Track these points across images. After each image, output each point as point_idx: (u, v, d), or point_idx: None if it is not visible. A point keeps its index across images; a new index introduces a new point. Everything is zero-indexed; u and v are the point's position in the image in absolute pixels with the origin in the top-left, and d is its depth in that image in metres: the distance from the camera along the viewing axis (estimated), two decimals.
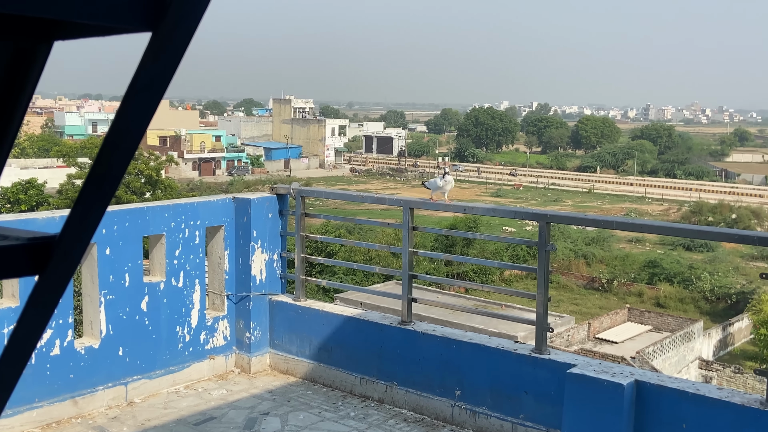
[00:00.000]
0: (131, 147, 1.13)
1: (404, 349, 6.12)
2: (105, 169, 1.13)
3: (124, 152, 1.12)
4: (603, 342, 34.40)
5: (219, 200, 6.92)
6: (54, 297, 1.21)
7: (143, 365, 6.26)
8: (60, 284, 1.21)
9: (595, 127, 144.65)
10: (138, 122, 1.10)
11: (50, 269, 1.17)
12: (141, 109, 1.09)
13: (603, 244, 58.66)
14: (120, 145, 1.12)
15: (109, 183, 1.14)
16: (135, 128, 1.11)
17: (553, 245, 5.43)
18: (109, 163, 1.12)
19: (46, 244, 1.16)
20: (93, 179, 1.13)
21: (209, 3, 1.05)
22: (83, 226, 1.16)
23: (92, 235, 1.20)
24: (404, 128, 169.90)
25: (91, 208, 1.16)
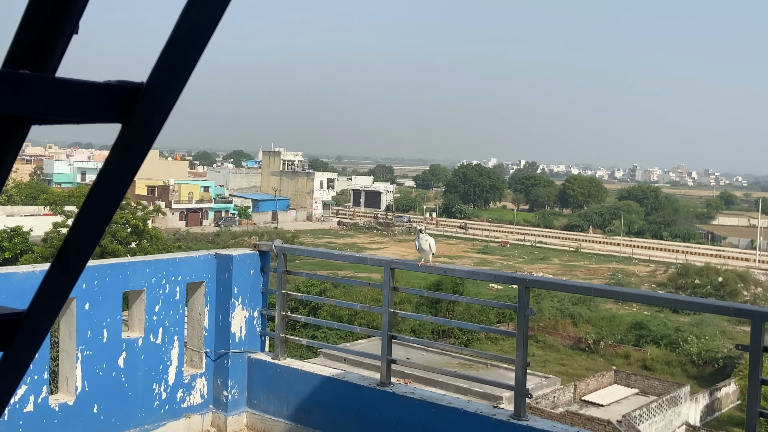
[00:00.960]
0: (96, 236, 1.17)
1: (382, 411, 6.07)
2: (71, 254, 1.17)
3: (88, 241, 1.16)
4: (589, 404, 34.06)
5: (201, 256, 6.92)
6: (18, 372, 1.23)
7: (118, 423, 6.16)
8: (25, 360, 1.24)
9: (582, 187, 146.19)
10: (104, 211, 1.14)
11: (15, 345, 1.20)
12: (109, 198, 1.13)
13: (590, 304, 58.61)
14: (86, 234, 1.15)
15: (73, 267, 1.18)
16: (101, 217, 1.15)
17: (531, 310, 5.45)
18: (75, 249, 1.16)
19: (13, 320, 1.19)
20: (59, 263, 1.17)
21: (177, 99, 1.11)
22: (50, 303, 1.20)
23: (58, 311, 1.23)
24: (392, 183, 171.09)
25: (57, 288, 1.19)
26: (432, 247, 6.09)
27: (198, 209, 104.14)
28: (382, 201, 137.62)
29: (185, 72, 1.09)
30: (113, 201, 1.15)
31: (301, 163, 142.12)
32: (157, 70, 1.07)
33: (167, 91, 1.09)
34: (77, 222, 1.13)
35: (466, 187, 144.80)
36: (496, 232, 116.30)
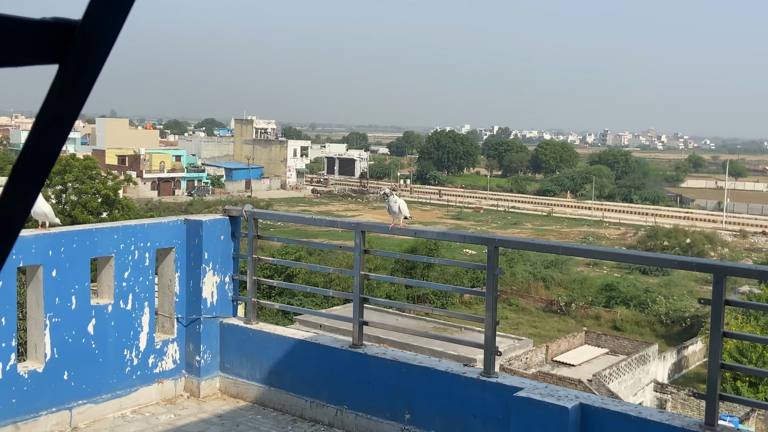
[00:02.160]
0: (39, 180, 1.13)
1: (355, 372, 6.11)
2: (12, 198, 1.13)
3: (31, 185, 1.12)
4: (561, 365, 34.70)
5: (170, 222, 6.86)
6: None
7: (89, 389, 6.14)
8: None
9: (554, 152, 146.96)
10: (46, 156, 1.10)
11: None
12: (49, 142, 1.09)
13: (561, 267, 59.39)
14: (28, 177, 1.12)
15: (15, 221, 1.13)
16: (43, 162, 1.11)
17: (500, 269, 5.50)
18: (17, 194, 1.12)
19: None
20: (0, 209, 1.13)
21: (116, 38, 1.07)
22: None
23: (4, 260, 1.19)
24: (366, 150, 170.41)
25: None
26: (402, 210, 6.09)
27: (170, 179, 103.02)
28: (356, 168, 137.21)
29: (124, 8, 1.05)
30: (52, 150, 1.11)
31: (274, 131, 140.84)
32: (93, 6, 1.03)
33: (105, 28, 1.05)
34: (18, 164, 1.09)
35: (440, 154, 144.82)
36: (470, 198, 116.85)
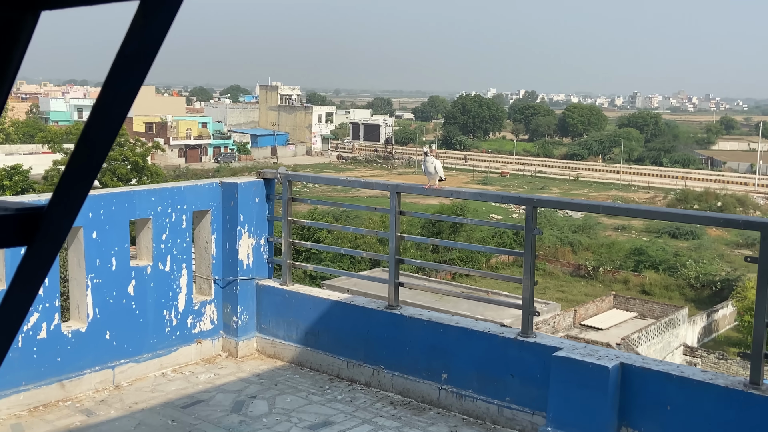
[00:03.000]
0: (120, 117, 1.13)
1: (391, 333, 6.15)
2: (94, 138, 1.13)
3: (112, 121, 1.12)
4: (588, 329, 34.64)
5: (206, 185, 6.90)
6: (42, 269, 1.21)
7: (130, 349, 6.26)
8: (48, 256, 1.21)
9: (582, 115, 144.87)
10: (126, 92, 1.10)
11: (38, 240, 1.17)
12: (129, 79, 1.08)
13: (589, 231, 58.95)
14: (109, 114, 1.11)
15: (97, 153, 1.14)
16: (123, 97, 1.11)
17: (539, 229, 5.46)
18: (98, 132, 1.12)
19: (35, 214, 1.16)
20: (82, 149, 1.13)
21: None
22: (72, 196, 1.16)
23: (81, 205, 1.19)
24: (391, 115, 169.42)
25: (80, 178, 1.16)
26: (438, 170, 6.05)
27: (197, 145, 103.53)
28: (381, 134, 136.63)
29: None
30: (133, 85, 1.10)
31: (299, 98, 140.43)
32: None
33: None
34: (99, 101, 1.09)
35: (465, 119, 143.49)
36: (496, 163, 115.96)
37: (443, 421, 5.58)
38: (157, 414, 5.65)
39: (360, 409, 5.80)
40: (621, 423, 4.88)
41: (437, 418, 5.65)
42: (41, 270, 1.21)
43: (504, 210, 66.95)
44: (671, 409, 4.71)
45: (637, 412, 4.84)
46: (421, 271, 39.42)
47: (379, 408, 5.82)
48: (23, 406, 5.54)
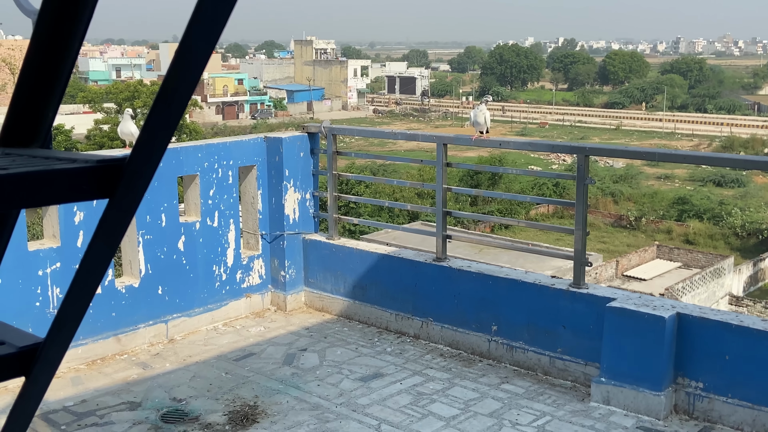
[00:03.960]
0: (199, 67, 1.09)
1: (439, 285, 6.13)
2: (173, 88, 1.09)
3: (190, 73, 1.08)
4: (631, 279, 34.33)
5: (251, 140, 6.89)
6: (124, 222, 1.19)
7: (182, 303, 6.36)
8: (129, 209, 1.19)
9: (623, 62, 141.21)
10: (205, 42, 1.06)
11: (120, 192, 1.15)
12: (207, 28, 1.04)
13: (631, 181, 57.97)
14: (189, 64, 1.07)
15: (176, 103, 1.10)
16: (203, 47, 1.06)
17: (591, 179, 5.34)
18: (178, 83, 1.08)
19: (116, 166, 1.14)
20: (162, 100, 1.09)
21: None
22: (152, 147, 1.13)
23: (161, 158, 1.16)
24: (427, 68, 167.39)
25: (160, 130, 1.12)
26: (487, 121, 5.94)
27: (233, 102, 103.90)
28: (417, 87, 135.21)
29: None
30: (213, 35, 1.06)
31: (334, 51, 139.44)
32: None
33: None
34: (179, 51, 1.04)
35: (503, 69, 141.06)
36: (535, 114, 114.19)
37: (494, 372, 5.58)
38: (210, 366, 5.76)
39: (410, 361, 5.83)
40: (677, 373, 4.82)
41: (488, 369, 5.65)
42: (123, 222, 1.19)
43: (543, 162, 66.12)
44: (729, 358, 4.63)
45: (693, 362, 4.77)
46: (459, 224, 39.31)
47: (429, 360, 5.84)
48: (82, 359, 5.69)
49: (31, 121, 1.28)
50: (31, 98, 1.25)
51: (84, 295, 1.26)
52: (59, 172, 1.11)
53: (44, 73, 1.23)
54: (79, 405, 5.08)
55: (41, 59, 1.22)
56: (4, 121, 1.28)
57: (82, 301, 1.27)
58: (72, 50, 1.22)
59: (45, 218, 5.68)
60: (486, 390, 5.29)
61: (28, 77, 1.24)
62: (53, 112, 1.28)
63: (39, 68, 1.23)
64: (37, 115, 1.27)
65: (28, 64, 1.22)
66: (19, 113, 1.26)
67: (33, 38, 1.21)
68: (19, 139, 1.30)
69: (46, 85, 1.24)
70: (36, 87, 1.24)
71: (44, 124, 1.29)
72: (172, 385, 5.41)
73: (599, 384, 5.00)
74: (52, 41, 1.20)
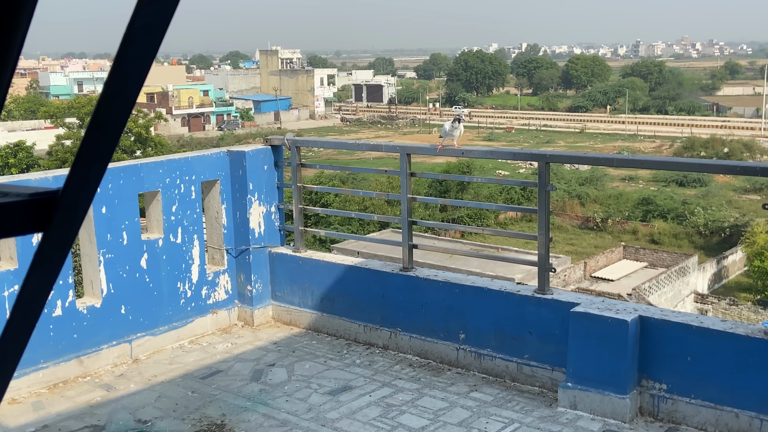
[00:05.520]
0: (132, 94, 1.07)
1: (407, 295, 6.13)
2: (105, 118, 1.07)
3: (124, 100, 1.06)
4: (599, 280, 34.73)
5: (213, 154, 6.83)
6: (60, 254, 1.16)
7: (146, 322, 6.27)
8: (65, 240, 1.16)
9: (585, 67, 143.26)
10: (138, 68, 1.04)
11: (54, 225, 1.12)
12: (140, 52, 1.02)
13: (596, 183, 58.74)
14: (120, 93, 1.05)
15: (110, 133, 1.08)
16: (135, 74, 1.04)
17: (552, 185, 5.39)
18: (109, 111, 1.06)
19: (49, 199, 1.11)
20: (93, 129, 1.07)
21: None
22: (86, 178, 1.11)
23: (96, 188, 1.14)
24: (393, 75, 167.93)
25: (94, 160, 1.10)
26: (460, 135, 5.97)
27: (199, 114, 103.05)
28: (385, 94, 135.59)
29: None
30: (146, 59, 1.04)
31: (300, 61, 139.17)
32: None
33: None
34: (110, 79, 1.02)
35: (468, 75, 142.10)
36: (501, 119, 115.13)
37: (463, 381, 5.59)
38: (176, 386, 5.68)
39: (379, 372, 5.81)
40: (641, 376, 4.88)
41: (457, 378, 5.66)
42: (59, 255, 1.16)
43: (511, 166, 66.68)
44: (691, 359, 4.69)
45: (657, 364, 4.83)
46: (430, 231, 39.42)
47: (398, 370, 5.83)
48: (43, 383, 5.57)
49: None
50: None
51: (23, 329, 1.22)
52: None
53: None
54: (41, 431, 4.97)
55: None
56: None
57: (22, 336, 1.23)
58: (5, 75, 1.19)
59: (1, 240, 5.56)
60: (455, 399, 5.29)
61: None
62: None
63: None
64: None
65: None
66: None
67: None
68: None
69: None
70: None
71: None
72: (137, 407, 5.32)
73: (566, 389, 5.04)
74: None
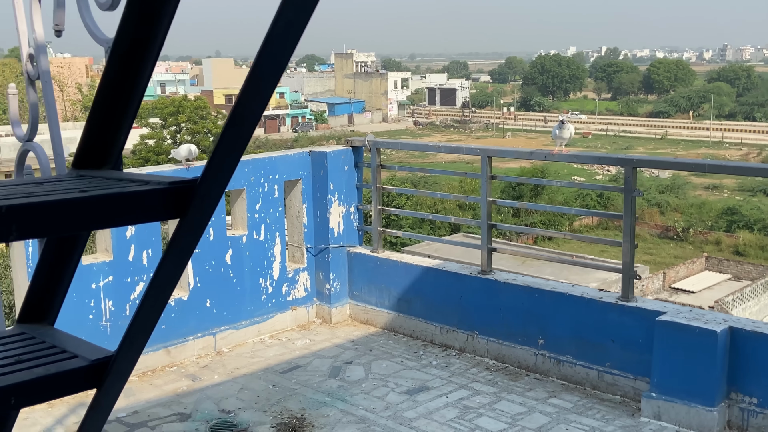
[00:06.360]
0: (268, 90, 1.13)
1: (485, 298, 6.11)
2: (243, 112, 1.13)
3: (261, 96, 1.13)
4: (679, 292, 33.62)
5: (296, 154, 6.99)
6: (193, 240, 1.23)
7: (229, 316, 6.45)
8: (199, 227, 1.24)
9: (668, 71, 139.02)
10: (276, 65, 1.10)
11: (191, 212, 1.19)
12: (280, 51, 1.08)
13: (678, 191, 56.90)
14: (258, 89, 1.12)
15: (247, 126, 1.15)
16: (272, 72, 1.11)
17: (639, 191, 5.28)
18: (247, 106, 1.13)
19: (187, 187, 1.18)
20: (232, 123, 1.14)
21: None
22: (222, 169, 1.18)
23: (230, 178, 1.21)
24: (468, 79, 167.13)
25: (230, 152, 1.17)
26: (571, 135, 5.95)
27: (275, 116, 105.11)
28: (458, 98, 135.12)
29: None
30: (283, 58, 1.10)
31: (374, 64, 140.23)
32: None
33: None
34: (251, 75, 1.09)
35: (545, 79, 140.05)
36: (578, 124, 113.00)
37: (541, 387, 5.54)
38: (258, 379, 5.82)
39: (456, 374, 5.81)
40: (730, 388, 4.72)
41: (535, 383, 5.61)
42: (192, 240, 1.24)
43: (587, 172, 65.36)
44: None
45: (747, 377, 4.66)
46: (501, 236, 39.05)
47: (474, 373, 5.82)
48: (133, 371, 5.80)
49: (104, 144, 1.34)
50: (104, 122, 1.31)
51: (154, 310, 1.30)
52: (134, 194, 1.16)
53: (118, 98, 1.29)
54: (132, 416, 5.19)
55: (115, 85, 1.28)
56: (78, 144, 1.35)
57: (152, 316, 1.32)
58: (144, 76, 1.28)
59: (97, 233, 5.84)
60: (533, 404, 5.25)
61: (102, 102, 1.29)
62: (125, 135, 1.34)
63: (113, 94, 1.29)
64: (109, 139, 1.33)
65: (102, 89, 1.29)
66: (93, 137, 1.32)
67: (107, 65, 1.27)
68: (91, 161, 1.36)
69: (120, 109, 1.30)
70: (110, 111, 1.30)
71: (116, 147, 1.35)
72: (221, 397, 5.48)
73: (650, 399, 4.92)
74: (125, 68, 1.26)
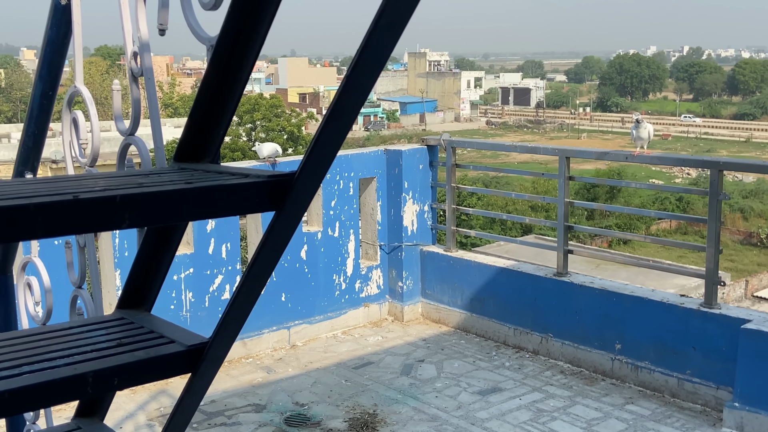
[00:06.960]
0: (367, 87, 1.15)
1: (560, 300, 6.02)
2: (341, 108, 1.15)
3: (360, 92, 1.14)
4: (762, 300, 32.25)
5: (371, 152, 7.03)
6: (289, 232, 1.26)
7: (303, 311, 6.56)
8: (294, 220, 1.27)
9: (754, 72, 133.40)
10: (375, 63, 1.12)
11: (288, 205, 1.22)
12: (380, 49, 1.10)
13: (762, 197, 54.58)
14: (357, 85, 1.13)
15: (344, 122, 1.17)
16: (372, 69, 1.12)
17: (725, 194, 5.10)
18: (347, 102, 1.15)
19: (285, 181, 1.21)
20: (331, 118, 1.16)
21: None
22: (320, 163, 1.20)
23: (326, 172, 1.23)
24: (542, 78, 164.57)
25: (327, 147, 1.19)
26: (651, 135, 5.82)
27: None
28: (532, 98, 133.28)
29: None
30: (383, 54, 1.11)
31: (447, 63, 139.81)
32: None
33: None
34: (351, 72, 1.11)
35: (623, 79, 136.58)
36: (657, 125, 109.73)
37: (617, 392, 5.41)
38: (331, 373, 5.90)
39: (529, 376, 5.74)
40: None
41: (611, 388, 5.48)
42: (288, 232, 1.27)
43: (666, 175, 63.43)
44: None
45: None
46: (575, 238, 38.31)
47: (548, 376, 5.73)
48: None
49: (204, 139, 1.39)
50: (206, 118, 1.35)
51: (248, 299, 1.34)
52: (234, 187, 1.20)
53: (219, 95, 1.33)
54: (209, 405, 5.33)
55: (217, 82, 1.32)
56: (180, 138, 1.40)
57: (246, 306, 1.35)
58: (245, 74, 1.32)
59: None
60: (609, 410, 5.13)
61: (204, 98, 1.34)
62: (224, 130, 1.38)
63: (215, 90, 1.33)
64: (209, 134, 1.38)
65: (205, 86, 1.33)
66: (194, 131, 1.37)
67: (210, 63, 1.32)
68: (191, 154, 1.41)
69: (220, 105, 1.35)
70: (211, 107, 1.34)
71: (215, 142, 1.39)
72: (295, 390, 5.58)
73: (732, 409, 4.75)
74: (227, 65, 1.30)
